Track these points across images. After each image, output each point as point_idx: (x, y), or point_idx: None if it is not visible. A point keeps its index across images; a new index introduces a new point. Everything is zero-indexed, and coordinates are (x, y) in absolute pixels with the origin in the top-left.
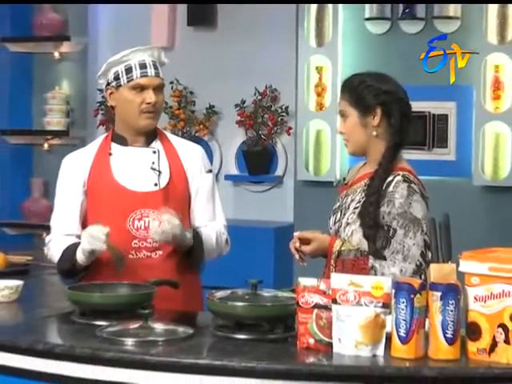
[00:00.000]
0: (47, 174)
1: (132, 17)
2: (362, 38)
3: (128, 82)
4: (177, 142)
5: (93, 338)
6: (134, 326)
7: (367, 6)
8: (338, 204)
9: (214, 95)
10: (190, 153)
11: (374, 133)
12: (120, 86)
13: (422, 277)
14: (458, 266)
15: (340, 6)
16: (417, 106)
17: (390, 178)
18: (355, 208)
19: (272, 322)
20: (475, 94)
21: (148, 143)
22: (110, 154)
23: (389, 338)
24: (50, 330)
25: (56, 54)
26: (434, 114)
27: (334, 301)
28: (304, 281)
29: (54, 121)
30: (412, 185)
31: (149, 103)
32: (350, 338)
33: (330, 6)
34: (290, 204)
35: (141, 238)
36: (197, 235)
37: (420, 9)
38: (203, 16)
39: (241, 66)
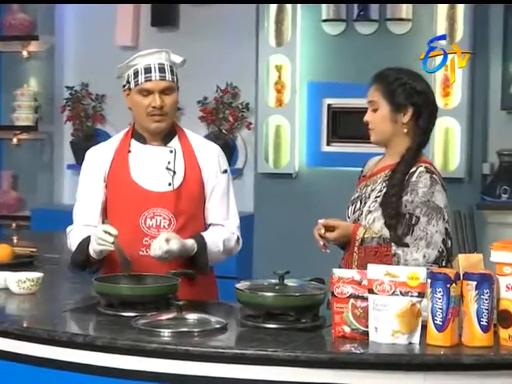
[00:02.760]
0: (16, 167)
1: (97, 18)
2: (319, 39)
3: (135, 86)
4: (195, 140)
5: (129, 330)
6: (167, 316)
7: (324, 8)
8: (356, 194)
9: None
10: (206, 152)
11: (405, 130)
12: (130, 89)
13: (443, 263)
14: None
15: (298, 8)
16: None
17: (412, 169)
18: (376, 197)
19: (299, 311)
20: None
21: (166, 142)
22: (129, 152)
23: (424, 326)
24: (83, 322)
25: (24, 53)
26: None
27: (371, 291)
28: (339, 272)
29: (23, 116)
30: (434, 175)
31: (154, 107)
32: (386, 327)
33: (289, 8)
34: (250, 195)
35: (151, 235)
36: (200, 243)
37: (374, 11)
38: (166, 17)
39: (203, 64)
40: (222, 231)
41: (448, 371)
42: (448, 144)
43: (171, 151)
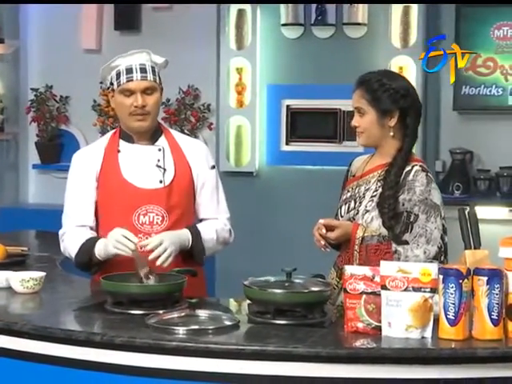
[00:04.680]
0: None
1: (62, 21)
2: (278, 42)
3: (118, 86)
4: (181, 139)
5: (144, 328)
6: (178, 314)
7: (283, 12)
8: (348, 194)
9: None
10: (194, 150)
11: (391, 133)
12: (113, 90)
13: (442, 258)
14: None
15: (258, 12)
16: (329, 103)
17: (408, 168)
18: (372, 196)
19: (307, 307)
20: None
21: (153, 141)
22: (119, 151)
23: (435, 321)
24: (95, 321)
25: None
26: (344, 111)
27: (384, 287)
28: (351, 268)
29: None
30: (429, 174)
31: (136, 106)
32: (400, 322)
33: (249, 12)
34: None
35: (145, 232)
36: (195, 234)
37: (331, 16)
38: (129, 21)
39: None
40: (214, 222)
41: (463, 364)
42: None
43: (160, 149)
